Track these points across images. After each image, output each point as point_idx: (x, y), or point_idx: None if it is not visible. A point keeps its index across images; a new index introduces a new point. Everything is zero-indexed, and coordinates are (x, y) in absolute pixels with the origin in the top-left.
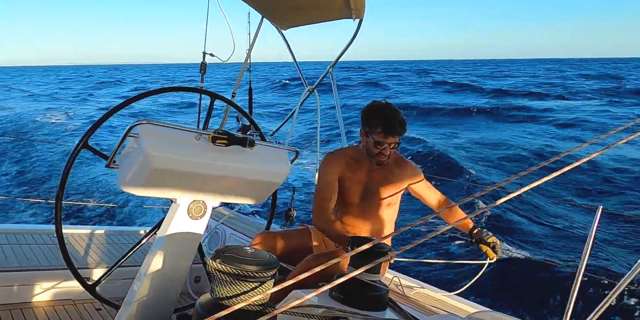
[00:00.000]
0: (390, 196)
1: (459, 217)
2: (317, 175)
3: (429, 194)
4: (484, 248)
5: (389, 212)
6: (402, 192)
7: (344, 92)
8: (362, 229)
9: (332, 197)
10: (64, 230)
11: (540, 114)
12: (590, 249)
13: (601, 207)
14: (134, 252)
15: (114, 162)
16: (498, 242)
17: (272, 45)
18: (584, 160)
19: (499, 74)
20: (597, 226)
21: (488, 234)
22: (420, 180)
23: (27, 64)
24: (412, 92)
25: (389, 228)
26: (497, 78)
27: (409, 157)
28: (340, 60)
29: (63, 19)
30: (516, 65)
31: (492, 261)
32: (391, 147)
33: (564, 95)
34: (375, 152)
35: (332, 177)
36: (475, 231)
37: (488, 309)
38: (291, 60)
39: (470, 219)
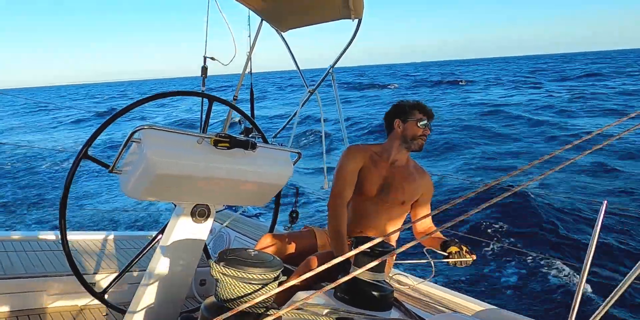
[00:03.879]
0: (406, 196)
1: (432, 240)
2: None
3: (422, 212)
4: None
5: (401, 211)
6: (415, 196)
7: None
8: (372, 223)
9: (350, 187)
10: (70, 237)
11: None
12: (596, 245)
13: (606, 202)
14: (140, 258)
15: (117, 167)
16: (460, 249)
17: (272, 49)
18: (579, 156)
19: None
20: (602, 222)
21: (455, 241)
22: (430, 194)
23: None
24: None
25: (397, 227)
26: None
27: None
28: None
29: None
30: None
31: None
32: (430, 128)
33: None
34: (419, 133)
35: (354, 167)
36: (447, 242)
37: (495, 307)
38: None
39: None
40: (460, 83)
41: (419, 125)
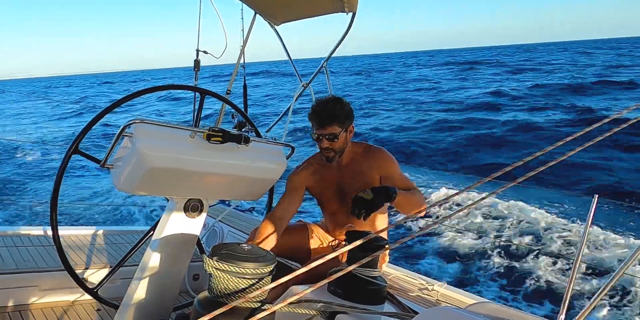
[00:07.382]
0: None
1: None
2: None
3: (398, 185)
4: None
5: (377, 212)
6: (377, 184)
7: None
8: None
9: (286, 208)
10: (61, 232)
11: None
12: (587, 239)
13: (597, 196)
14: (133, 253)
15: (109, 162)
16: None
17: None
18: (578, 149)
19: None
20: (594, 215)
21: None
22: (391, 169)
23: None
24: None
25: (381, 225)
26: None
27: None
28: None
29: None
30: None
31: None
32: (327, 138)
33: None
34: (319, 146)
35: (294, 186)
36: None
37: (486, 300)
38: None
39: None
40: None
41: (315, 137)
